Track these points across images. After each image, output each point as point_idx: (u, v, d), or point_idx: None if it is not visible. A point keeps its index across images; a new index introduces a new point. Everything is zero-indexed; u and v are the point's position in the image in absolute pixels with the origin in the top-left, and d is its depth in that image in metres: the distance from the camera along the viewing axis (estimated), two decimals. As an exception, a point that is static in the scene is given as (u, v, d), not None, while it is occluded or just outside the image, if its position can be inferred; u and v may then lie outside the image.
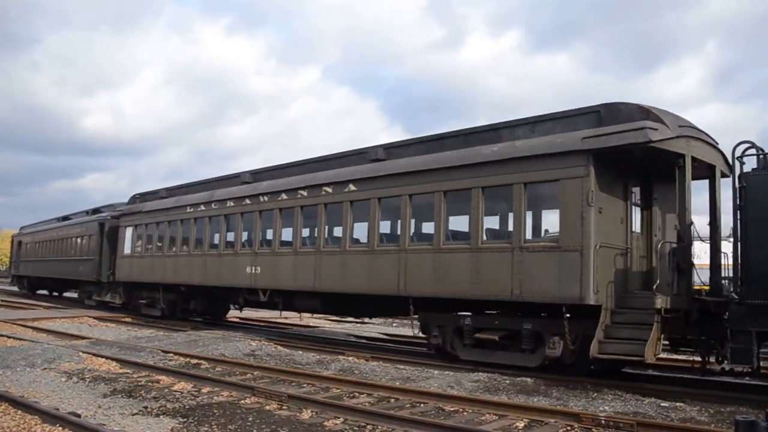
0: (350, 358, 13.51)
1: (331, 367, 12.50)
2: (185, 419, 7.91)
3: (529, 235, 12.07)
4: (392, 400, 9.37)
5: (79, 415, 7.64)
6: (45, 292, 39.39)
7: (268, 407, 8.67)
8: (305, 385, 10.42)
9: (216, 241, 19.86)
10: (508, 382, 10.76)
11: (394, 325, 24.93)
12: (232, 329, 20.64)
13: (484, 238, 12.32)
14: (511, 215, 12.20)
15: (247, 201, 18.37)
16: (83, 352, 13.01)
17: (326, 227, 16.06)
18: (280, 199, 17.16)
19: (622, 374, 11.95)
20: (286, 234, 17.28)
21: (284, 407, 8.66)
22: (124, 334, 18.06)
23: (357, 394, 9.73)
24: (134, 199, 25.89)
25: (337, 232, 15.96)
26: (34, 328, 18.47)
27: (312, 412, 8.37)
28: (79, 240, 30.36)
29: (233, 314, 24.67)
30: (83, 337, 16.30)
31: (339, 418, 8.07)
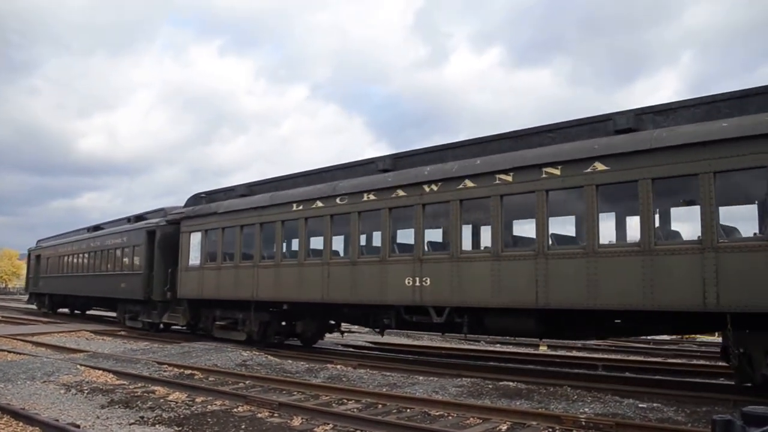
0: (338, 366, 13.74)
1: (320, 376, 12.73)
2: (180, 428, 8.13)
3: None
4: (379, 405, 9.57)
5: (78, 426, 7.86)
6: (66, 310, 35.56)
7: (260, 415, 8.90)
8: (295, 393, 10.61)
9: (343, 246, 16.13)
10: (491, 386, 11.02)
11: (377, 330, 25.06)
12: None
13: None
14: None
15: (401, 192, 13.82)
16: (81, 365, 13.17)
17: (547, 222, 11.40)
18: (460, 187, 12.61)
19: (601, 377, 12.10)
20: (467, 233, 13.78)
21: (276, 415, 8.90)
22: (120, 347, 18.21)
23: (345, 401, 9.92)
24: (197, 199, 21.35)
25: (569, 229, 12.46)
26: (33, 343, 18.61)
27: (302, 419, 8.62)
28: (118, 252, 25.97)
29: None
30: (81, 351, 16.44)
31: (329, 424, 8.31)
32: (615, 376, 12.64)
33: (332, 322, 18.24)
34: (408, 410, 9.23)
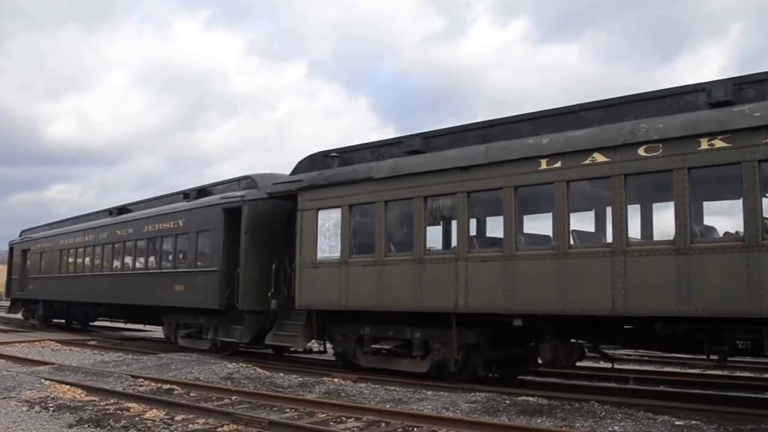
0: (335, 380, 13.00)
1: (315, 390, 12.04)
2: (159, 452, 7.30)
3: None
4: (383, 424, 8.96)
5: (40, 450, 7.01)
6: (61, 321, 28.70)
7: (249, 435, 8.15)
8: (288, 410, 9.94)
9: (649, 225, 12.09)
10: (508, 402, 10.34)
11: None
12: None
13: None
14: None
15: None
16: (46, 379, 12.38)
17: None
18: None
19: (632, 391, 11.56)
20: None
21: (267, 435, 8.14)
22: (90, 358, 17.33)
23: (344, 419, 9.29)
24: (319, 161, 15.26)
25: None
26: (-9, 354, 17.51)
27: (297, 439, 7.85)
28: (169, 241, 19.44)
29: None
30: (46, 363, 15.57)
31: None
32: (648, 389, 12.10)
33: (579, 341, 12.18)
34: (415, 429, 8.64)
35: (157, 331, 25.85)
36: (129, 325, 27.43)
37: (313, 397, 11.04)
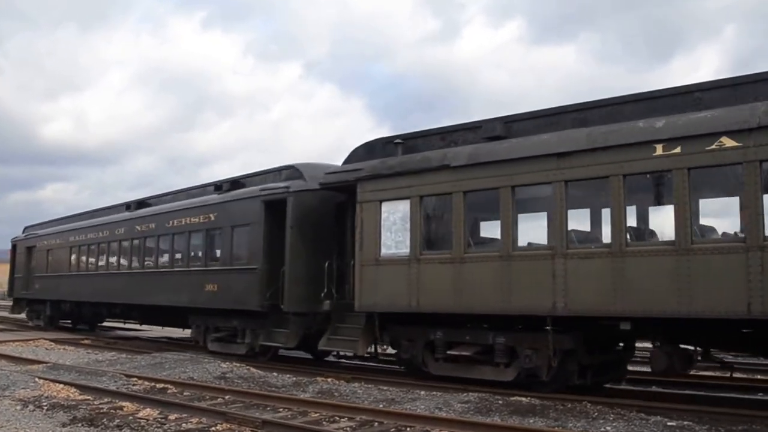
0: (329, 380, 12.99)
1: (309, 390, 12.03)
2: (152, 451, 7.28)
3: None
4: (376, 423, 8.97)
5: (34, 449, 6.99)
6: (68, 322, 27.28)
7: (242, 435, 8.14)
8: (281, 410, 9.93)
9: None
10: (500, 402, 10.32)
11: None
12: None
13: None
14: None
15: None
16: (40, 378, 12.35)
17: None
18: None
19: (624, 391, 11.42)
20: None
21: (260, 434, 8.13)
22: (84, 357, 17.26)
23: (338, 419, 9.30)
24: (378, 148, 13.99)
25: None
26: (-16, 353, 17.42)
27: (291, 439, 7.83)
28: (199, 237, 17.87)
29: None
30: (40, 362, 15.52)
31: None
32: (640, 390, 12.08)
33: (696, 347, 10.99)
34: (408, 429, 8.64)
35: (155, 331, 25.82)
36: (129, 324, 26.40)
37: (306, 397, 11.03)
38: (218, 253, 17.34)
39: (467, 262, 11.65)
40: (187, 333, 20.40)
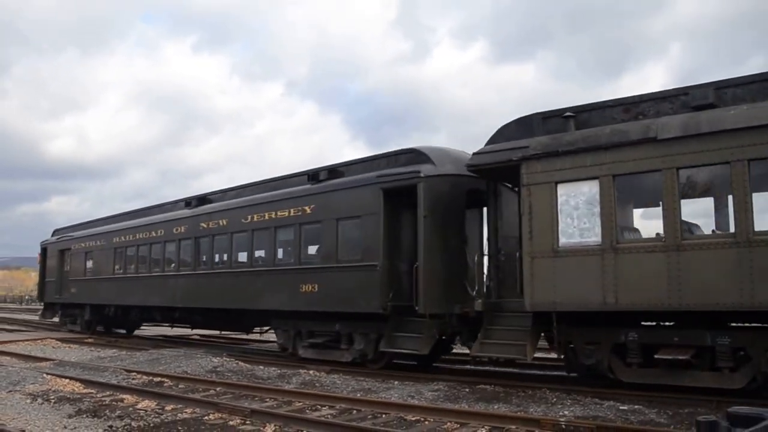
0: (311, 372, 13.58)
1: (293, 381, 12.59)
2: (150, 437, 7.92)
3: None
4: (354, 411, 9.45)
5: (44, 436, 7.59)
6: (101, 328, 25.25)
7: (231, 422, 8.74)
8: (268, 400, 10.44)
9: None
10: (467, 390, 10.95)
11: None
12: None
13: None
14: None
15: None
16: (47, 374, 12.88)
17: None
18: None
19: (580, 379, 11.49)
20: None
21: (248, 422, 8.74)
22: (87, 355, 17.83)
23: (319, 407, 9.81)
24: (536, 124, 11.86)
25: None
26: (-4, 351, 17.99)
27: (275, 426, 8.45)
28: (289, 232, 15.62)
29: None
30: (47, 359, 16.06)
31: (302, 431, 8.19)
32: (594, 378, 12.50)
33: None
34: (384, 415, 9.13)
35: (152, 331, 26.28)
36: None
37: (290, 388, 11.52)
38: (316, 249, 15.23)
39: (686, 250, 9.62)
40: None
